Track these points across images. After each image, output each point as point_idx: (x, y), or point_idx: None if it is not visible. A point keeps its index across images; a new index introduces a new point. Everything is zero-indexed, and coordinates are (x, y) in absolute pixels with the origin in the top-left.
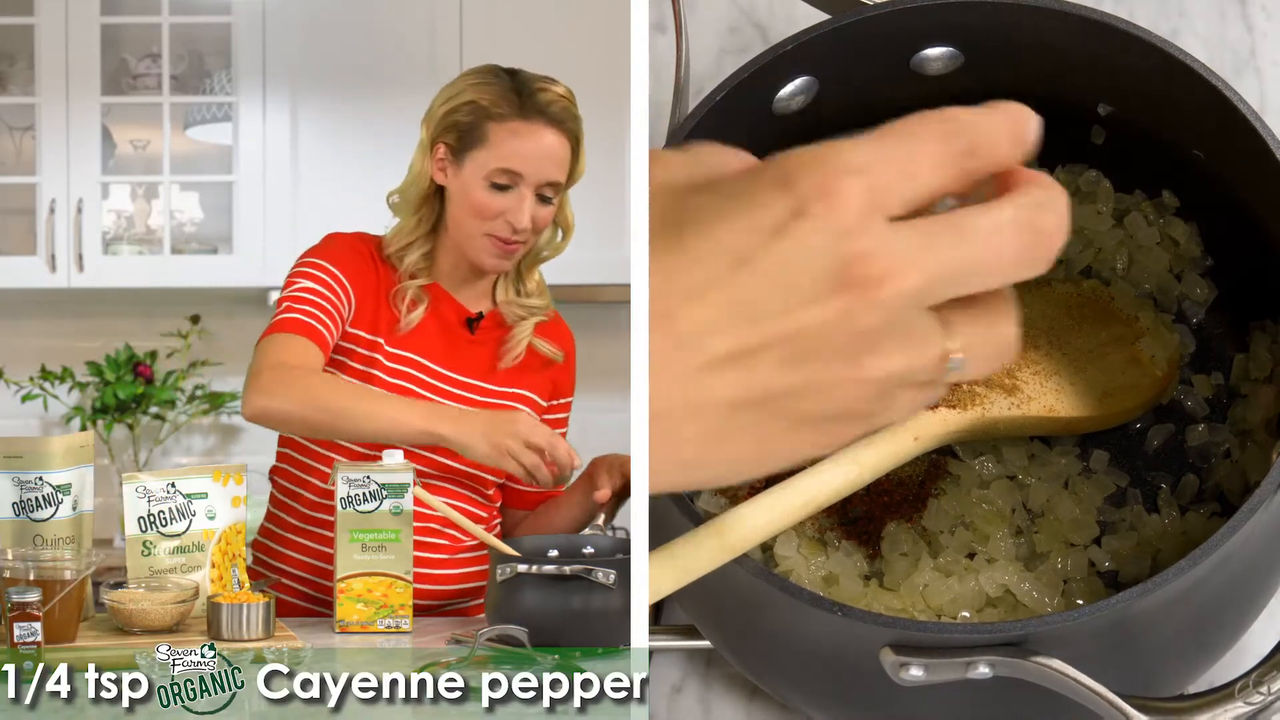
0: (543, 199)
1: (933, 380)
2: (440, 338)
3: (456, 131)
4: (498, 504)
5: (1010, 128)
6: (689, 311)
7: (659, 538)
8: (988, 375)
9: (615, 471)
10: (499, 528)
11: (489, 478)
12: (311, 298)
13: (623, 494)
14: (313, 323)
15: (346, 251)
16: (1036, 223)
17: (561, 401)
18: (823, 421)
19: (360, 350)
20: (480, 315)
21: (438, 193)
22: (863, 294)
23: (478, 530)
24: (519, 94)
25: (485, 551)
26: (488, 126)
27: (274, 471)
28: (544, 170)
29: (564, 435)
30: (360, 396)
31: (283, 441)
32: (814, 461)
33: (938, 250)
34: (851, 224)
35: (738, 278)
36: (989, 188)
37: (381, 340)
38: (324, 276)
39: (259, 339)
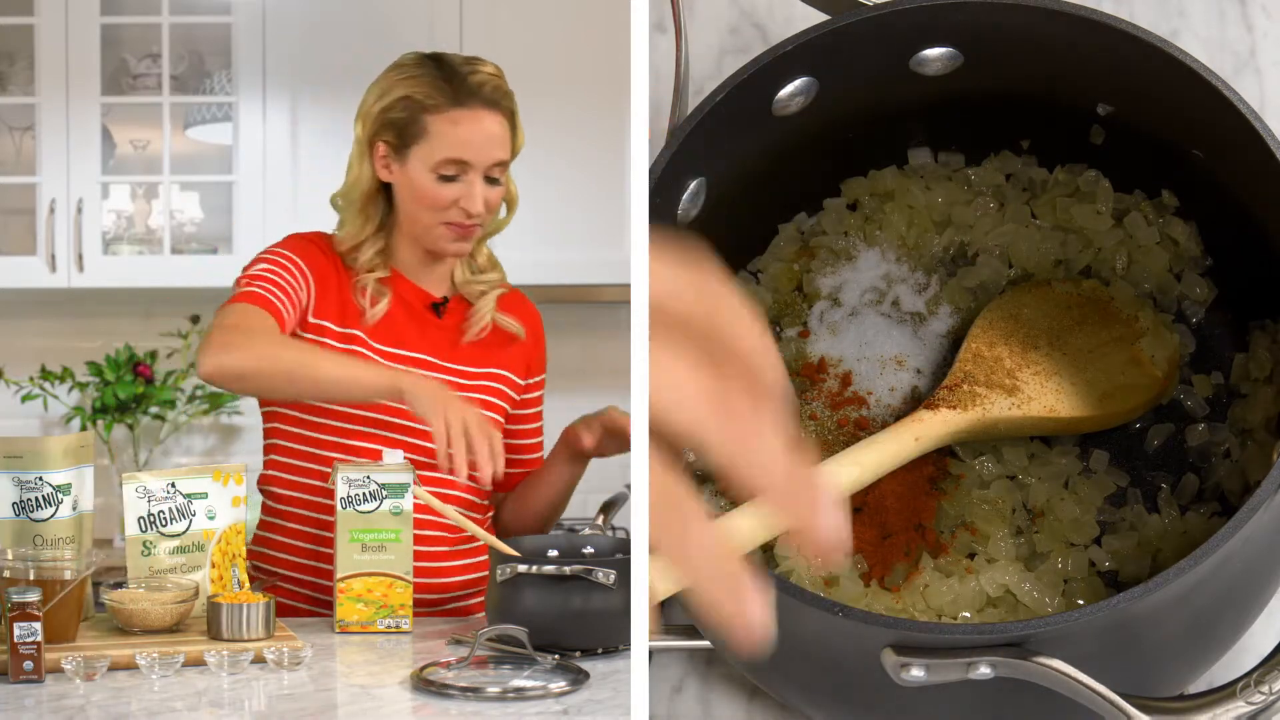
0: (490, 180)
1: None
2: (412, 325)
3: (395, 129)
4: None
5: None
6: None
7: None
8: None
9: (593, 424)
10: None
11: None
12: (270, 276)
13: (606, 444)
14: (270, 296)
15: (304, 244)
16: None
17: (536, 380)
18: None
19: (339, 345)
20: (445, 299)
21: (383, 189)
22: None
23: (478, 530)
24: (449, 81)
25: (484, 546)
26: (425, 120)
27: (263, 479)
28: (489, 153)
29: (539, 414)
30: (317, 352)
31: (269, 449)
32: None
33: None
34: None
35: None
36: None
37: (363, 334)
38: (284, 261)
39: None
